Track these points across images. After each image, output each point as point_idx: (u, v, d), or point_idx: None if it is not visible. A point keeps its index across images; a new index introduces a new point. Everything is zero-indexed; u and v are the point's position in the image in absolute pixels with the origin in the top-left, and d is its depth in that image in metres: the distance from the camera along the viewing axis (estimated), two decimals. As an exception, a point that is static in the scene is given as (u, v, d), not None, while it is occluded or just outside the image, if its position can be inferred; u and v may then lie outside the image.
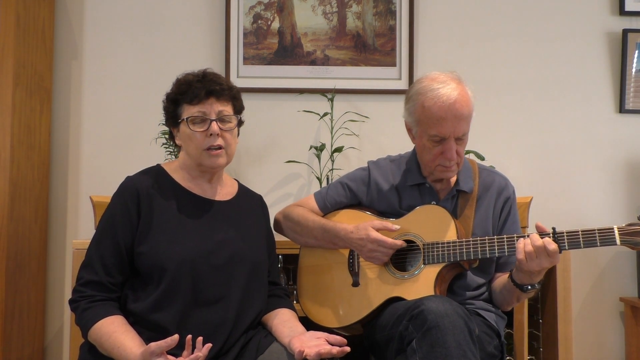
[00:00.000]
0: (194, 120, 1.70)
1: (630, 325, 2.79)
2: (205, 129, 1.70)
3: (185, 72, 1.78)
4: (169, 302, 1.62)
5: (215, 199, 1.79)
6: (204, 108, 1.71)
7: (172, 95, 1.76)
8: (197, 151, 1.72)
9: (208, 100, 1.71)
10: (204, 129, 1.70)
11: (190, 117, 1.71)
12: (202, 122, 1.71)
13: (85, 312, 1.61)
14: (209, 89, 1.71)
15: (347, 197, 2.02)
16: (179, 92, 1.74)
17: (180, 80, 1.76)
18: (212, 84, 1.72)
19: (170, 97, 1.77)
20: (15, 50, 2.48)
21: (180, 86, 1.75)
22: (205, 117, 1.70)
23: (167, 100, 1.78)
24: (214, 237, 1.71)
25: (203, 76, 1.75)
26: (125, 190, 1.71)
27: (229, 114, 1.74)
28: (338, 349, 1.54)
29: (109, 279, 1.64)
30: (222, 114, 1.72)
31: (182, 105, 1.73)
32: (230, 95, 1.77)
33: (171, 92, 1.77)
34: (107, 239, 1.66)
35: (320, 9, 2.88)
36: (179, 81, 1.77)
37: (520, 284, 1.75)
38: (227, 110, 1.74)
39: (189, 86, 1.72)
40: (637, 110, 2.90)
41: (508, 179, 1.99)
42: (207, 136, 1.70)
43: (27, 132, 2.58)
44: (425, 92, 1.81)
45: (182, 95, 1.73)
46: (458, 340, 1.50)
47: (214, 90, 1.72)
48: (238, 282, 1.70)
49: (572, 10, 2.92)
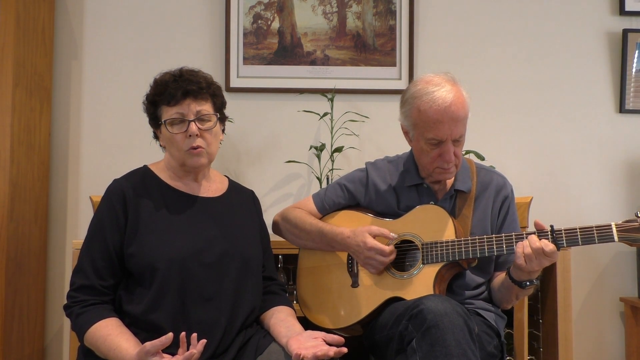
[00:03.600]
0: (172, 122, 1.69)
1: (630, 325, 2.79)
2: (184, 130, 1.68)
3: (163, 72, 1.76)
4: (162, 302, 1.62)
5: (203, 195, 1.78)
6: (182, 109, 1.68)
7: (150, 97, 1.74)
8: (179, 152, 1.71)
9: (185, 101, 1.68)
10: (183, 130, 1.68)
11: (169, 119, 1.69)
12: (180, 123, 1.69)
13: (80, 317, 1.61)
14: (185, 89, 1.68)
15: (345, 198, 2.02)
16: (156, 94, 1.72)
17: (157, 81, 1.74)
18: (189, 83, 1.69)
19: (148, 99, 1.75)
20: (15, 50, 2.49)
21: (157, 87, 1.72)
22: (183, 118, 1.68)
23: (147, 102, 1.76)
24: (203, 235, 1.70)
25: (179, 75, 1.72)
26: (111, 193, 1.70)
27: (208, 113, 1.72)
28: (335, 350, 1.54)
29: (101, 282, 1.64)
30: (201, 113, 1.70)
31: (160, 106, 1.71)
32: (209, 93, 1.74)
33: (149, 93, 1.75)
34: (97, 243, 1.66)
35: (320, 9, 2.89)
36: (156, 82, 1.74)
37: (518, 280, 1.75)
38: (206, 109, 1.71)
39: (166, 87, 1.70)
40: (637, 110, 2.90)
41: (506, 178, 1.98)
42: (187, 137, 1.68)
43: (27, 132, 2.58)
44: (421, 96, 1.80)
45: (159, 96, 1.71)
46: (458, 339, 1.50)
47: (191, 91, 1.69)
48: (230, 279, 1.69)
49: (572, 10, 2.92)
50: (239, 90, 2.84)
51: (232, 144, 2.83)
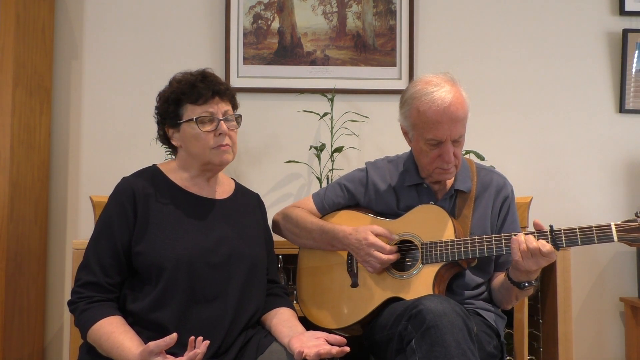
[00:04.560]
0: (202, 120, 1.71)
1: (630, 325, 2.79)
2: (213, 129, 1.71)
3: (182, 72, 1.78)
4: (167, 301, 1.62)
5: (212, 197, 1.79)
6: (211, 108, 1.72)
7: (175, 95, 1.75)
8: (204, 150, 1.72)
9: (214, 100, 1.73)
10: (212, 129, 1.71)
11: (199, 117, 1.71)
12: (210, 122, 1.72)
13: (84, 313, 1.61)
14: (214, 89, 1.73)
15: (345, 198, 2.02)
16: (182, 92, 1.73)
17: (182, 81, 1.76)
18: (216, 84, 1.74)
19: (171, 98, 1.75)
20: (15, 50, 2.49)
21: (182, 86, 1.74)
22: (212, 117, 1.72)
23: (167, 101, 1.76)
24: (211, 235, 1.71)
25: (204, 76, 1.75)
26: (121, 191, 1.71)
27: (233, 114, 1.77)
28: (337, 349, 1.54)
29: (107, 279, 1.64)
30: (228, 113, 1.75)
31: (184, 105, 1.73)
32: (231, 95, 1.80)
33: (171, 92, 1.76)
34: (104, 240, 1.66)
35: (320, 9, 2.89)
36: (179, 81, 1.76)
37: (517, 281, 1.75)
38: (231, 110, 1.77)
39: (193, 86, 1.72)
40: (637, 110, 2.90)
41: (506, 178, 1.98)
42: (216, 135, 1.71)
43: (27, 132, 2.58)
44: (420, 97, 1.80)
45: (184, 95, 1.73)
46: (457, 339, 1.50)
47: (219, 91, 1.74)
48: (236, 280, 1.70)
49: (572, 10, 2.92)
50: (239, 90, 2.81)
51: (232, 144, 2.83)
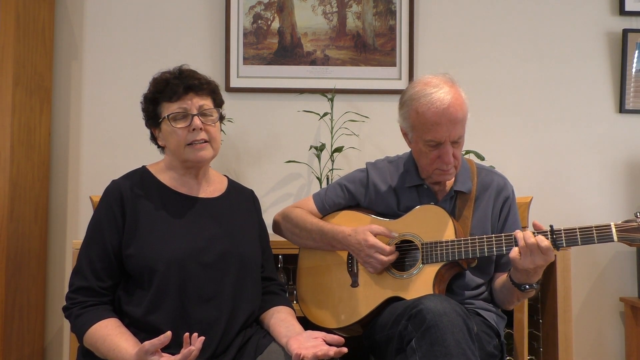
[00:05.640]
0: (175, 116, 1.70)
1: (630, 325, 2.79)
2: (187, 125, 1.69)
3: (161, 71, 1.77)
4: (161, 303, 1.62)
5: (202, 196, 1.78)
6: (184, 104, 1.70)
7: (150, 95, 1.75)
8: (179, 147, 1.71)
9: (187, 96, 1.70)
10: (186, 125, 1.69)
11: (171, 114, 1.70)
12: (183, 118, 1.70)
13: (79, 318, 1.61)
14: (187, 84, 1.70)
15: (346, 198, 2.02)
16: (157, 91, 1.72)
17: (157, 79, 1.75)
18: (190, 79, 1.72)
19: (148, 97, 1.75)
20: (15, 50, 2.49)
21: (157, 85, 1.73)
22: (186, 112, 1.70)
23: (146, 101, 1.76)
24: (203, 235, 1.70)
25: (179, 73, 1.74)
26: (109, 194, 1.70)
27: (210, 108, 1.74)
28: (335, 350, 1.54)
29: (99, 283, 1.64)
30: (203, 108, 1.72)
31: (161, 103, 1.72)
32: (209, 89, 1.76)
33: (149, 91, 1.76)
34: (95, 244, 1.66)
35: (320, 9, 2.89)
36: (156, 80, 1.75)
37: (518, 283, 1.75)
38: (208, 104, 1.74)
39: (167, 84, 1.71)
40: (637, 110, 2.90)
41: (507, 178, 1.98)
42: (190, 131, 1.69)
43: (27, 132, 2.58)
44: (419, 98, 1.79)
45: (160, 93, 1.72)
46: (457, 339, 1.50)
47: (193, 85, 1.71)
48: (229, 279, 1.69)
49: (572, 10, 2.92)
50: (239, 90, 2.84)
51: (232, 144, 2.83)
